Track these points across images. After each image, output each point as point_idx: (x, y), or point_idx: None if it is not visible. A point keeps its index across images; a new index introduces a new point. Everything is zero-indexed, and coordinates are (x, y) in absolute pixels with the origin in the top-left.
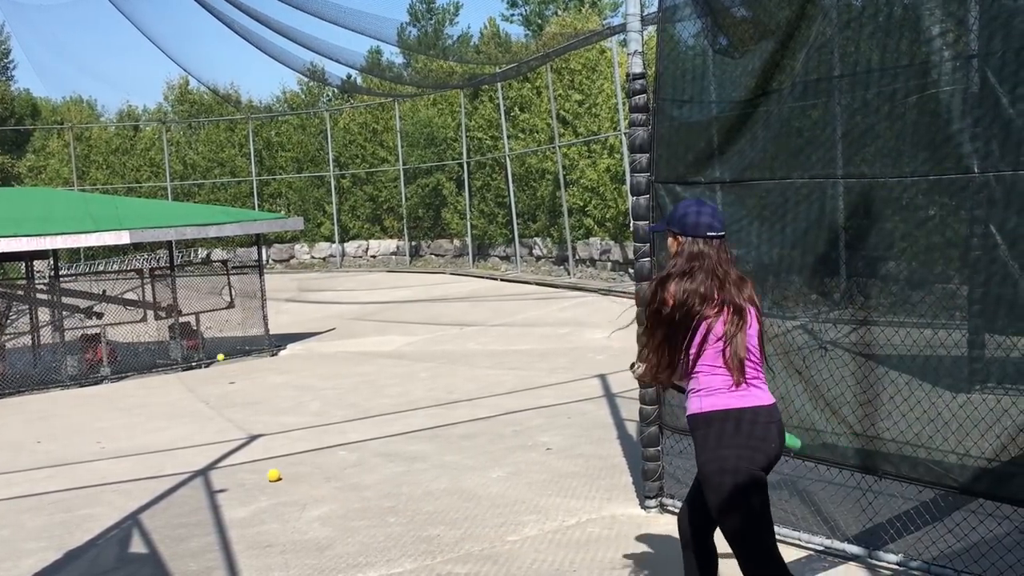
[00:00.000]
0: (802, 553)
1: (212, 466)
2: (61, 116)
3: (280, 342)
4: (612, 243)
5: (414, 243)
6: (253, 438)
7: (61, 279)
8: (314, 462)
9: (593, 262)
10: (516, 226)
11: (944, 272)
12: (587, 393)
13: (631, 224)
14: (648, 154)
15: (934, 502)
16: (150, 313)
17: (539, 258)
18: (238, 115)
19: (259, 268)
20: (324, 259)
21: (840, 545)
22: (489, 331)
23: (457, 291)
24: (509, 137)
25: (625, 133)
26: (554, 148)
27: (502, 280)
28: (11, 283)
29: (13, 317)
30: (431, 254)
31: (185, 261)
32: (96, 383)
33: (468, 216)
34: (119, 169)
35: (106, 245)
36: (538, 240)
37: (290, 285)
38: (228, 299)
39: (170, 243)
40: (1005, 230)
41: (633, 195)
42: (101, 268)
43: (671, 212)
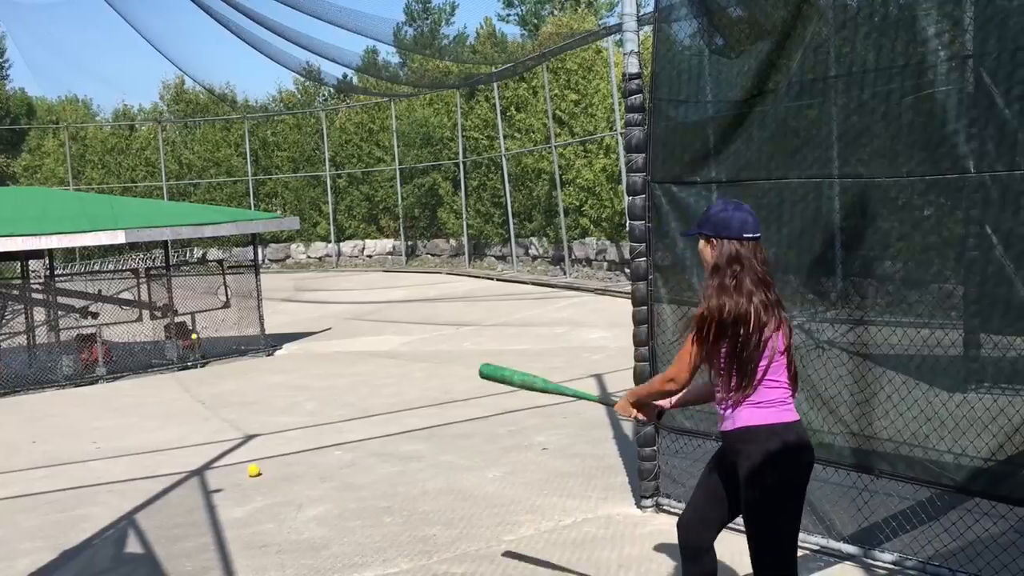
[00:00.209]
0: (798, 552)
1: (208, 466)
2: (56, 115)
3: (276, 342)
4: (608, 243)
5: (410, 243)
6: (249, 438)
7: (57, 279)
8: (310, 462)
9: (589, 262)
10: (512, 226)
11: (940, 272)
12: None
13: (627, 224)
14: (644, 154)
15: (930, 501)
16: (146, 313)
17: (535, 258)
18: (234, 115)
19: (255, 268)
20: (320, 259)
21: (836, 544)
22: (485, 331)
23: (453, 291)
24: (505, 137)
25: (621, 133)
26: (550, 148)
27: (498, 280)
28: (7, 283)
29: (8, 317)
30: (427, 254)
31: (181, 261)
32: (92, 383)
33: (464, 216)
34: (115, 169)
35: (102, 245)
36: (534, 240)
37: (286, 285)
38: (224, 299)
39: (166, 243)
40: (1001, 230)
41: (629, 195)
42: (97, 268)
43: (702, 215)
